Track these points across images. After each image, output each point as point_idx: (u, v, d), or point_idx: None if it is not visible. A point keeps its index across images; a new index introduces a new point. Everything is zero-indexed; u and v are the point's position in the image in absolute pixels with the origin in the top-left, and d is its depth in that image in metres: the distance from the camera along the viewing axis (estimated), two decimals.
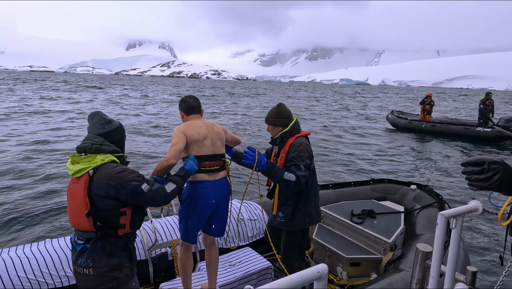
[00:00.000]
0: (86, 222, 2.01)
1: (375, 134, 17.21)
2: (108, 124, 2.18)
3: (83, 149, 2.08)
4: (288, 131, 2.96)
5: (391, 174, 9.38)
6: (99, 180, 1.99)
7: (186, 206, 2.69)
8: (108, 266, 2.05)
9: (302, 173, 2.76)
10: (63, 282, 2.83)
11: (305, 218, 2.99)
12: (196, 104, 2.83)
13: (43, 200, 6.57)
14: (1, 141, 11.38)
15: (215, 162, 2.69)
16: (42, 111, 19.77)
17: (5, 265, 2.71)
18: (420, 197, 4.24)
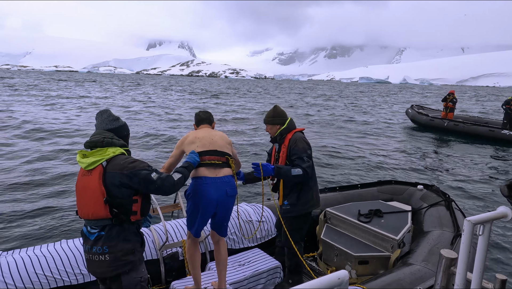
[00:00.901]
0: (103, 210, 2.14)
1: (393, 131, 16.86)
2: (116, 121, 2.36)
3: (93, 143, 2.21)
4: (286, 128, 3.36)
5: (408, 175, 9.23)
6: (112, 170, 2.15)
7: (190, 201, 2.84)
8: (123, 251, 2.19)
9: (307, 164, 3.17)
10: (78, 280, 2.97)
11: (308, 203, 3.36)
12: (205, 116, 3.15)
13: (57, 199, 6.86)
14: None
15: (216, 156, 2.82)
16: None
17: (24, 262, 2.87)
18: (427, 196, 4.24)
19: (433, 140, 14.64)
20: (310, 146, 3.35)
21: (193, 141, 2.87)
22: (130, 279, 2.23)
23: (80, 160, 2.23)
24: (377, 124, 19.24)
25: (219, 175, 2.80)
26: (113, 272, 2.18)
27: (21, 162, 9.24)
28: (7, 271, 2.76)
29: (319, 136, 15.06)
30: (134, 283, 2.25)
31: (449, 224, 3.58)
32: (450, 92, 16.51)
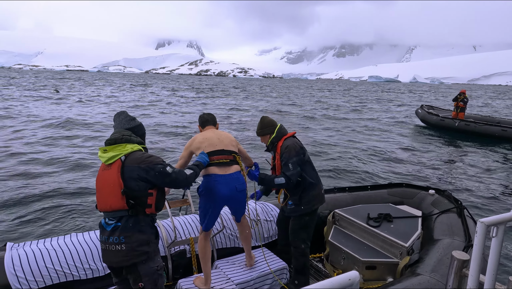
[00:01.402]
0: (120, 201, 2.28)
1: (402, 131, 16.66)
2: (133, 120, 2.56)
3: (113, 140, 2.38)
4: (275, 137, 3.44)
5: (417, 177, 9.07)
6: (130, 164, 2.31)
7: (202, 197, 3.05)
8: (139, 241, 2.32)
9: (291, 172, 3.24)
10: (87, 274, 3.00)
11: (312, 202, 3.41)
12: (210, 118, 3.35)
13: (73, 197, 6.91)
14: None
15: (224, 155, 3.03)
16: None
17: (34, 256, 2.90)
18: (439, 202, 4.14)
19: (444, 141, 14.41)
20: (302, 149, 3.40)
21: (202, 142, 3.05)
22: (147, 268, 2.34)
23: (101, 154, 2.39)
24: (387, 125, 19.04)
25: (228, 172, 3.01)
26: (129, 261, 2.30)
27: (39, 156, 9.37)
28: (18, 264, 2.80)
29: (328, 135, 14.96)
30: (151, 272, 2.37)
31: (460, 232, 3.48)
32: (461, 92, 16.25)
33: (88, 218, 5.90)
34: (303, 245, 3.44)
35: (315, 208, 3.47)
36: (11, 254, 2.88)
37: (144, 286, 2.35)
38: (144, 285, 2.34)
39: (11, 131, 13.37)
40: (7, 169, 8.45)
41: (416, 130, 17.08)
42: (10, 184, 7.43)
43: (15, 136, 12.49)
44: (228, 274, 3.38)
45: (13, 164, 8.95)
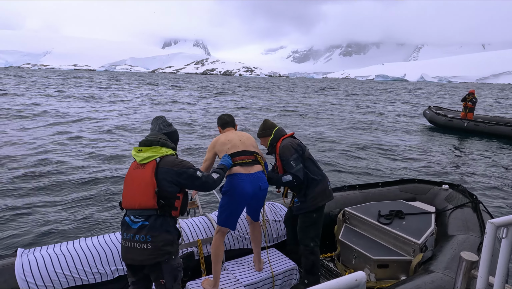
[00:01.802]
0: (151, 200, 2.36)
1: (411, 131, 16.52)
2: (170, 126, 2.72)
3: (149, 141, 2.49)
4: (273, 138, 3.49)
5: (428, 174, 8.97)
6: (164, 166, 2.42)
7: (227, 196, 3.11)
8: (164, 241, 2.38)
9: (295, 169, 3.26)
10: (96, 279, 2.99)
11: (318, 198, 3.38)
12: (230, 119, 3.44)
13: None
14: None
15: (246, 156, 3.13)
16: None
17: (44, 261, 2.92)
18: (453, 197, 4.04)
19: (454, 141, 14.25)
20: (300, 146, 3.42)
21: (225, 143, 3.17)
22: (169, 266, 2.41)
23: (135, 154, 2.48)
24: (394, 124, 18.88)
25: (252, 171, 3.10)
26: (153, 260, 2.34)
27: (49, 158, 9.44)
28: (28, 269, 2.81)
29: (338, 134, 14.87)
30: (173, 269, 2.44)
31: (475, 228, 3.39)
32: (470, 92, 16.10)
33: (98, 222, 5.92)
34: (312, 243, 3.39)
35: (322, 205, 3.43)
36: (21, 259, 2.90)
37: (166, 283, 2.41)
38: (165, 282, 2.41)
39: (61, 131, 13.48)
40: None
41: (425, 130, 16.90)
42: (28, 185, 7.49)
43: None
44: (237, 276, 3.34)
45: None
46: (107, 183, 7.73)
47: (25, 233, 5.40)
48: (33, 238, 5.26)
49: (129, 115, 19.27)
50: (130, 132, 14.26)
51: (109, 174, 8.37)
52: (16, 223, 5.72)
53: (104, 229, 5.64)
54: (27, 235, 5.33)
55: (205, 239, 3.56)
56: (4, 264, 2.87)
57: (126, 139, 12.75)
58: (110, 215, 6.16)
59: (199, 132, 14.81)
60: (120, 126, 15.29)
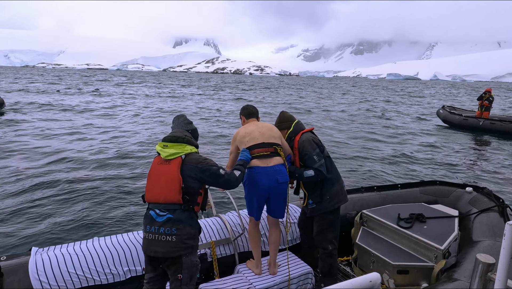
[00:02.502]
0: (176, 195, 2.43)
1: (425, 131, 16.19)
2: (190, 124, 2.80)
3: (175, 138, 2.55)
4: (292, 131, 3.41)
5: (448, 175, 8.70)
6: (189, 163, 2.50)
7: (246, 188, 3.19)
8: (188, 235, 2.46)
9: (318, 164, 3.17)
10: (108, 279, 2.97)
11: (333, 199, 3.28)
12: (254, 110, 3.47)
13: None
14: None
15: (265, 148, 3.12)
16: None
17: (57, 261, 2.91)
18: (477, 200, 3.85)
19: (470, 140, 13.90)
20: (320, 144, 3.34)
21: (244, 136, 3.19)
22: (189, 261, 2.47)
23: (161, 149, 2.54)
24: (408, 124, 18.55)
25: (270, 164, 3.08)
26: (175, 252, 2.41)
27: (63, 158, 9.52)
28: (42, 268, 2.82)
29: (351, 134, 14.67)
30: (192, 265, 2.49)
31: (502, 233, 3.22)
32: (486, 91, 15.77)
33: (112, 222, 5.90)
34: (330, 247, 3.29)
35: (338, 206, 3.34)
36: (35, 258, 2.91)
37: (182, 278, 2.45)
38: (182, 277, 2.45)
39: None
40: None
41: (439, 130, 16.56)
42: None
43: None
44: (250, 279, 3.24)
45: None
46: (124, 180, 7.72)
47: (39, 232, 5.42)
48: (47, 237, 5.27)
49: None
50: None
51: (127, 172, 8.37)
52: (31, 221, 5.75)
53: (118, 229, 5.62)
54: (41, 234, 5.35)
55: (219, 240, 3.48)
56: (19, 263, 2.89)
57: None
58: (124, 215, 6.16)
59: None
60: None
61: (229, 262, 3.49)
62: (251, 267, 3.35)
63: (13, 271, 2.80)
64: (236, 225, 3.68)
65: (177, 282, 2.45)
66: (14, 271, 2.80)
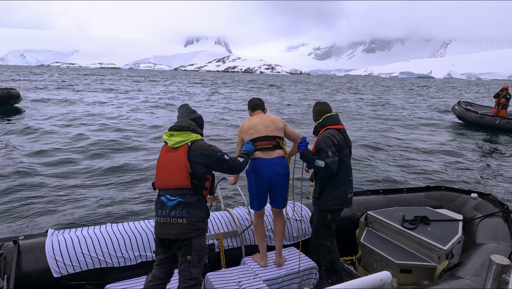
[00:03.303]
0: (185, 180, 2.57)
1: (438, 128, 15.94)
2: (193, 113, 2.90)
3: (180, 126, 2.68)
4: (320, 123, 3.43)
5: (452, 179, 8.61)
6: (195, 150, 2.62)
7: (249, 178, 3.39)
8: (198, 217, 2.59)
9: (330, 160, 3.16)
10: (120, 263, 3.14)
11: (331, 201, 3.31)
12: (259, 103, 3.60)
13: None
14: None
15: (267, 141, 3.31)
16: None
17: (72, 242, 3.09)
18: (482, 206, 3.89)
19: (484, 140, 13.63)
20: (340, 144, 3.26)
21: (249, 129, 3.36)
22: (198, 244, 2.60)
23: (167, 138, 2.67)
24: (421, 121, 18.32)
25: (271, 156, 3.28)
26: (186, 234, 2.54)
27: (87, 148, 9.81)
28: (58, 249, 3.01)
29: (361, 133, 14.62)
30: (201, 248, 2.63)
31: (506, 237, 3.25)
32: (503, 88, 15.29)
33: (125, 209, 6.13)
34: (327, 243, 3.37)
35: (336, 209, 3.36)
36: (52, 239, 3.08)
37: (191, 260, 2.56)
38: (191, 259, 2.57)
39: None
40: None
41: (453, 128, 16.27)
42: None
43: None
44: (256, 271, 3.37)
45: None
46: (139, 171, 7.93)
47: (55, 215, 5.71)
48: (63, 220, 5.55)
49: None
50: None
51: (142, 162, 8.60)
52: (49, 204, 6.03)
53: (131, 216, 5.85)
54: (57, 217, 5.63)
55: (226, 232, 3.62)
56: (36, 242, 3.07)
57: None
58: (138, 202, 6.40)
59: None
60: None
61: (236, 254, 3.63)
62: (257, 259, 3.50)
63: (30, 249, 2.98)
64: (243, 219, 3.82)
65: (186, 264, 2.57)
66: (32, 250, 2.98)
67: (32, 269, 2.88)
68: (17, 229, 5.22)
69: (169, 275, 2.72)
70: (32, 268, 2.88)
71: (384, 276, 1.08)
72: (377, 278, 1.06)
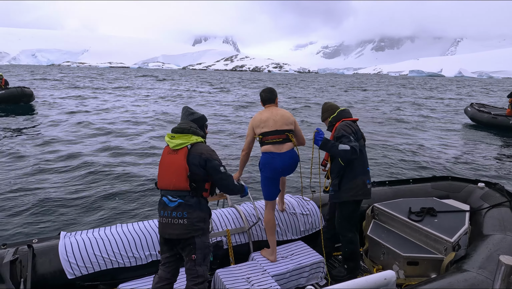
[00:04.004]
0: (184, 182, 2.59)
1: (450, 129, 15.78)
2: (193, 114, 2.88)
3: (181, 129, 2.71)
4: (335, 117, 3.53)
5: (463, 172, 8.56)
6: (194, 152, 2.63)
7: (262, 172, 3.48)
8: (198, 218, 2.63)
9: (354, 143, 3.24)
10: (131, 262, 3.19)
11: (351, 191, 3.39)
12: (270, 95, 3.60)
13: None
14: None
15: (278, 135, 3.39)
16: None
17: (84, 244, 3.16)
18: (489, 195, 3.86)
19: (497, 139, 13.42)
20: (357, 133, 3.42)
21: (259, 124, 3.44)
22: (201, 243, 2.64)
23: (169, 140, 2.70)
24: (432, 121, 18.15)
25: (283, 150, 3.38)
26: (187, 234, 2.59)
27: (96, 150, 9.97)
28: (71, 251, 3.08)
29: (371, 129, 14.54)
30: (204, 246, 2.67)
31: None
32: None
33: (134, 210, 6.21)
34: (350, 234, 3.47)
35: (357, 200, 3.44)
36: (64, 242, 3.15)
37: (196, 259, 2.62)
38: (196, 258, 2.62)
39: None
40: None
41: (465, 128, 16.09)
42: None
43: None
44: (264, 266, 3.40)
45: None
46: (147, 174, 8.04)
47: (67, 217, 5.79)
48: (74, 223, 5.62)
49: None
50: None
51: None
52: (60, 208, 6.12)
53: (140, 216, 5.92)
54: (69, 220, 5.72)
55: (234, 229, 3.65)
56: (49, 245, 3.14)
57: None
58: (146, 203, 6.45)
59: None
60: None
61: (244, 250, 3.65)
62: (266, 254, 3.53)
63: (44, 252, 3.05)
64: (250, 215, 3.84)
65: (191, 262, 2.62)
66: (46, 253, 3.05)
67: (47, 271, 2.96)
68: (30, 231, 5.28)
69: (175, 274, 2.77)
70: (47, 271, 2.96)
71: (388, 275, 1.08)
72: (381, 277, 1.05)
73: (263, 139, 3.43)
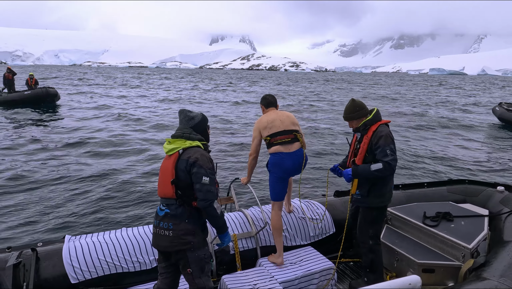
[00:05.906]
0: (170, 190, 2.46)
1: (477, 128, 15.24)
2: (191, 120, 2.67)
3: (177, 134, 2.60)
4: (371, 119, 3.26)
5: (482, 175, 8.21)
6: (183, 157, 2.49)
7: (271, 173, 3.46)
8: (185, 230, 2.45)
9: (389, 158, 3.04)
10: (136, 267, 3.15)
11: (379, 198, 3.24)
12: (273, 100, 3.67)
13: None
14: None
15: (286, 135, 3.40)
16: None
17: (88, 248, 3.13)
18: (509, 199, 3.66)
19: None
20: (394, 140, 3.20)
21: (266, 125, 3.43)
22: (194, 256, 2.47)
23: (165, 146, 2.64)
24: (456, 121, 17.58)
25: (292, 150, 3.39)
26: (173, 247, 2.44)
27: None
28: (74, 255, 3.05)
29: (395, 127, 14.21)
30: (199, 259, 2.50)
31: None
32: None
33: (139, 212, 6.20)
34: (371, 241, 3.29)
35: (384, 205, 3.31)
36: (68, 245, 3.13)
37: (192, 272, 2.49)
38: (192, 271, 2.49)
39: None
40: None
41: (492, 128, 15.54)
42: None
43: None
44: (272, 272, 3.31)
45: None
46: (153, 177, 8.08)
47: (72, 221, 5.82)
48: (79, 226, 5.65)
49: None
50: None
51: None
52: (65, 211, 6.17)
53: (146, 220, 5.88)
54: (74, 223, 5.74)
55: (241, 234, 3.58)
56: (53, 249, 3.13)
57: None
58: (153, 207, 6.44)
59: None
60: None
61: (251, 256, 3.57)
62: (273, 260, 3.45)
63: (48, 256, 3.03)
64: (258, 219, 3.76)
65: (188, 276, 2.50)
66: (49, 257, 3.03)
67: (50, 275, 2.92)
68: (36, 234, 5.31)
69: (172, 287, 2.64)
70: (50, 275, 2.92)
71: (414, 280, 1.04)
72: (406, 281, 1.01)
73: (271, 141, 3.40)
